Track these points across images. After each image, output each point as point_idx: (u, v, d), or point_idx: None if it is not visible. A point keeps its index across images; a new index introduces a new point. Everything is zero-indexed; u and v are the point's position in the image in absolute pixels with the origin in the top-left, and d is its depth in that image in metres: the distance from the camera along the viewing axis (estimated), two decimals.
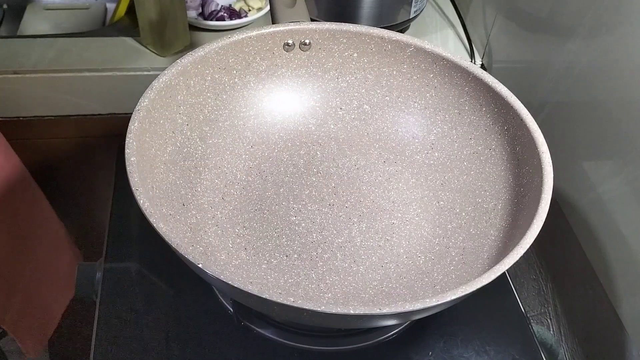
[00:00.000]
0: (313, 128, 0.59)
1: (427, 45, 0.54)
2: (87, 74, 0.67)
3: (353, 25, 0.55)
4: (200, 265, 0.37)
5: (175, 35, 0.69)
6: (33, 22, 0.82)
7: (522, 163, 0.49)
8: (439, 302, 0.37)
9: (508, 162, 0.51)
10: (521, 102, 0.50)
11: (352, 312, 0.36)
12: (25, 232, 0.70)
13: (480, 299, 0.45)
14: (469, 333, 0.52)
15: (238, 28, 0.74)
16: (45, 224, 0.75)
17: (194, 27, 0.73)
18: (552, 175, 0.45)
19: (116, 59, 0.68)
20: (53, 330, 0.77)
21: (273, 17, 0.56)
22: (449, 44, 0.77)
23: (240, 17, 0.75)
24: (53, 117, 0.70)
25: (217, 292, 0.53)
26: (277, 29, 0.54)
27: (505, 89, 0.51)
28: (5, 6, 0.85)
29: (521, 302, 0.56)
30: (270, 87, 0.57)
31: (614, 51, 0.49)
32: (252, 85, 0.56)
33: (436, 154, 0.56)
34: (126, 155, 0.43)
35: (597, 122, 0.51)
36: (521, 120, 0.49)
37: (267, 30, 0.54)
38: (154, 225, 0.39)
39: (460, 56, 0.54)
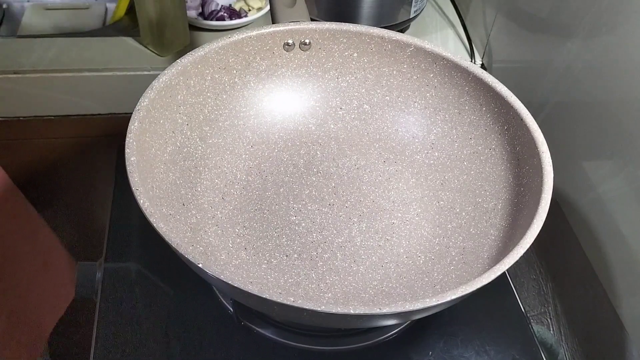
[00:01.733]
0: (313, 128, 0.59)
1: (427, 45, 0.54)
2: (87, 74, 0.67)
3: (353, 25, 0.55)
4: (200, 265, 0.37)
5: (175, 35, 0.69)
6: (33, 22, 0.82)
7: (522, 163, 0.49)
8: (439, 302, 0.37)
9: (508, 162, 0.51)
10: (521, 102, 0.50)
11: (352, 312, 0.36)
12: (12, 245, 0.68)
13: (480, 299, 0.45)
14: (469, 333, 0.52)
15: (238, 28, 0.74)
16: (34, 234, 0.73)
17: (194, 27, 0.73)
18: (552, 175, 0.45)
19: (116, 59, 0.68)
20: (41, 351, 0.74)
21: (273, 17, 0.56)
22: (449, 43, 0.77)
23: (240, 17, 0.75)
24: (53, 117, 0.70)
25: (217, 292, 0.53)
26: (277, 28, 0.54)
27: (505, 88, 0.51)
28: (5, 6, 0.85)
29: (521, 302, 0.56)
30: (270, 87, 0.57)
31: (614, 51, 0.49)
32: (252, 85, 0.56)
33: (436, 154, 0.56)
34: (126, 155, 0.43)
35: (597, 122, 0.51)
36: (521, 120, 0.49)
37: (267, 30, 0.54)
38: (154, 225, 0.39)
39: (460, 56, 0.54)
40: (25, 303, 0.71)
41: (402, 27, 0.75)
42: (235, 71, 0.55)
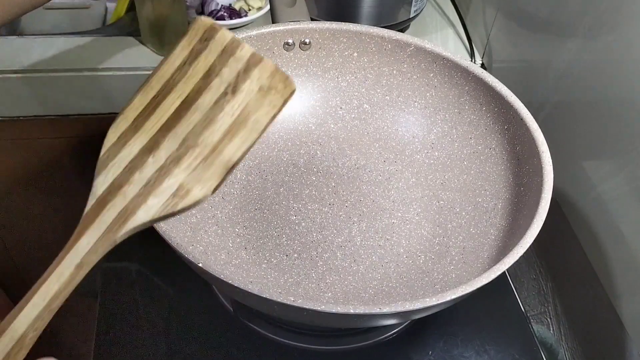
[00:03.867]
0: (313, 127, 0.59)
1: (427, 44, 0.54)
2: (87, 73, 0.66)
3: (353, 24, 0.55)
4: (200, 265, 0.37)
5: (175, 35, 0.69)
6: (33, 22, 0.82)
7: (522, 162, 0.49)
8: (439, 302, 0.37)
9: (508, 162, 0.51)
10: (521, 101, 0.50)
11: (352, 311, 0.36)
12: None
13: (480, 298, 0.45)
14: (469, 333, 0.52)
15: (238, 28, 0.74)
16: None
17: None
18: (552, 175, 0.45)
19: (116, 59, 0.68)
20: None
21: (273, 17, 0.56)
22: (449, 43, 0.77)
23: (240, 17, 0.75)
24: (53, 117, 0.70)
25: (217, 291, 0.53)
26: (277, 28, 0.54)
27: (506, 88, 0.51)
28: None
29: (521, 302, 0.55)
30: None
31: (614, 51, 0.49)
32: None
33: (436, 154, 0.56)
34: None
35: (597, 121, 0.51)
36: (521, 119, 0.49)
37: (267, 30, 0.54)
38: (154, 224, 0.39)
39: (460, 56, 0.54)
40: None
41: (402, 27, 0.75)
42: None
